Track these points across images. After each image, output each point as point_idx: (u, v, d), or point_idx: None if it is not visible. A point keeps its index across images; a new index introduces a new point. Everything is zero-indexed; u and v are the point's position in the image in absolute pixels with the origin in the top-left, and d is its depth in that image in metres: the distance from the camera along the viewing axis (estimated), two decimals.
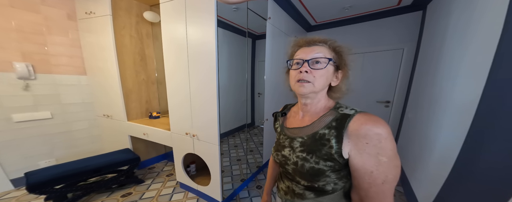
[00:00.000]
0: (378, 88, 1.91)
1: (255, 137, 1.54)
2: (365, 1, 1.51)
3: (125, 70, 1.51)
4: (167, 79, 1.14)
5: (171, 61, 1.09)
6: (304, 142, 0.34)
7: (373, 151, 0.26)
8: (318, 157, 0.31)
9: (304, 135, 0.35)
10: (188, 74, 1.02)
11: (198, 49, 0.94)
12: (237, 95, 1.31)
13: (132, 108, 1.62)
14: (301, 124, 0.38)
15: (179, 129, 1.18)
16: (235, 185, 1.26)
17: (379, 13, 1.72)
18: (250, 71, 1.35)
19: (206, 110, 0.99)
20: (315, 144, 0.32)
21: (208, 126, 1.01)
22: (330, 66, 0.34)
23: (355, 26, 1.92)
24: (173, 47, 1.06)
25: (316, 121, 0.34)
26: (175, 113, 1.17)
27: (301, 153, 0.33)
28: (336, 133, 0.30)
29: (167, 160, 1.93)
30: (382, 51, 1.81)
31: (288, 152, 0.37)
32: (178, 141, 1.22)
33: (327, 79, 0.34)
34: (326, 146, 0.30)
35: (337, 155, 0.29)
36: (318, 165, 0.31)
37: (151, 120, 1.63)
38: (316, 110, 0.36)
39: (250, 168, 1.42)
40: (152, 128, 1.38)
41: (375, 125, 0.27)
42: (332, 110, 0.34)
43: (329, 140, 0.30)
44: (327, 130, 0.31)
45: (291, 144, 0.37)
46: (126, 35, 1.49)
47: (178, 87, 1.10)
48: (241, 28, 1.16)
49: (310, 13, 1.81)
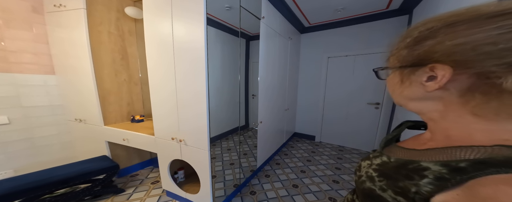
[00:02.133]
0: (368, 90, 2.06)
1: (249, 140, 1.56)
2: (356, 4, 1.61)
3: (102, 69, 1.42)
4: (150, 80, 1.11)
5: (155, 60, 1.06)
6: (385, 163, 0.27)
7: None
8: (390, 185, 0.24)
9: (394, 156, 0.27)
10: (174, 76, 1.00)
11: (186, 49, 0.92)
12: (230, 97, 1.31)
13: (110, 110, 1.53)
14: (408, 144, 0.29)
15: (164, 133, 1.15)
16: (227, 191, 1.27)
17: (369, 16, 1.85)
18: (244, 73, 1.37)
19: (195, 114, 0.98)
20: (397, 171, 0.24)
21: (197, 131, 1.00)
22: (393, 74, 0.27)
23: (347, 28, 2.04)
24: (157, 46, 1.03)
25: (434, 149, 0.23)
26: (160, 116, 1.14)
27: (372, 171, 0.28)
28: (441, 175, 0.19)
29: (153, 166, 1.86)
30: (372, 54, 1.96)
31: (365, 164, 0.32)
32: (163, 146, 1.19)
33: (394, 87, 0.27)
34: (411, 180, 0.21)
35: (419, 198, 0.20)
36: (383, 192, 0.24)
37: (133, 124, 1.57)
38: (449, 133, 0.23)
39: (243, 172, 1.43)
40: (134, 132, 1.33)
41: None
42: (506, 147, 0.19)
43: (423, 177, 0.20)
44: (437, 167, 0.20)
45: (373, 159, 0.31)
46: (103, 31, 1.41)
47: (162, 89, 1.08)
48: (235, 28, 1.18)
49: (304, 14, 1.88)
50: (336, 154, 2.08)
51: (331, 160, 1.92)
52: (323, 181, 1.52)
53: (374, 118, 2.06)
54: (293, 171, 1.70)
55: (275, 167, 1.80)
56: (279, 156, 2.07)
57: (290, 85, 2.22)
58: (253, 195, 1.38)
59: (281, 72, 1.88)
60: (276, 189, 1.44)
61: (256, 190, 1.44)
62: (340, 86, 2.24)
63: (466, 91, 0.20)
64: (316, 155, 2.07)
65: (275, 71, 1.75)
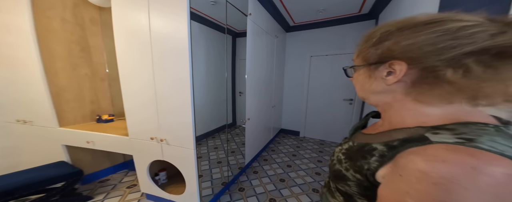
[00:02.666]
0: (344, 88, 2.30)
1: (236, 137, 1.55)
2: (334, 6, 1.77)
3: (53, 62, 1.20)
4: (121, 77, 1.01)
5: (127, 55, 0.97)
6: (351, 147, 0.32)
7: (403, 187, 0.20)
8: (352, 165, 0.29)
9: (357, 140, 0.32)
10: (152, 71, 0.93)
11: (166, 43, 0.86)
12: (216, 95, 1.28)
13: (68, 110, 1.30)
14: (369, 130, 0.35)
15: (141, 133, 1.06)
16: (215, 189, 1.24)
17: (345, 18, 2.06)
18: (231, 70, 1.35)
19: (178, 112, 0.93)
20: (357, 152, 0.29)
21: (181, 129, 0.95)
22: (361, 71, 0.30)
23: (327, 29, 2.22)
24: (130, 38, 0.94)
25: (382, 133, 0.29)
26: (135, 115, 1.05)
27: (342, 155, 0.33)
28: (383, 153, 0.24)
29: (128, 169, 1.69)
30: (347, 54, 2.19)
31: (337, 150, 0.37)
32: (140, 147, 1.09)
33: (361, 83, 0.31)
34: (365, 160, 0.26)
35: (369, 173, 0.25)
36: (346, 171, 0.29)
37: (100, 125, 1.38)
38: (390, 118, 0.30)
39: (231, 170, 1.43)
40: (101, 134, 1.18)
41: (429, 162, 0.18)
42: (423, 127, 0.23)
43: (372, 155, 0.25)
44: (381, 146, 0.25)
45: (344, 144, 0.36)
46: (55, 18, 1.18)
47: (138, 86, 0.99)
48: (221, 24, 1.15)
49: (289, 13, 1.96)
50: (318, 148, 2.25)
51: (313, 154, 2.08)
52: (307, 174, 1.63)
53: (349, 112, 2.32)
54: (280, 166, 1.78)
55: (263, 163, 1.84)
56: (266, 152, 2.13)
57: (277, 82, 2.29)
58: (242, 191, 1.38)
59: (268, 69, 1.92)
60: (264, 184, 1.48)
61: (244, 186, 1.45)
62: (321, 84, 2.43)
63: (417, 81, 0.24)
64: (301, 149, 2.20)
65: (262, 69, 1.78)
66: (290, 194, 1.35)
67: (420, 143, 0.21)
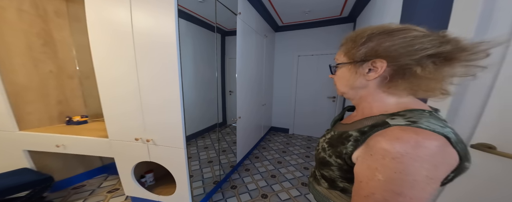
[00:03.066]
0: (328, 86, 2.48)
1: (227, 136, 1.55)
2: (319, 8, 1.89)
3: (9, 57, 1.06)
4: (98, 75, 0.94)
5: (106, 51, 0.90)
6: (333, 136, 0.36)
7: (373, 164, 0.25)
8: (334, 151, 0.33)
9: (338, 130, 0.37)
10: (136, 70, 0.88)
11: (152, 39, 0.83)
12: (205, 94, 1.26)
13: (30, 111, 1.16)
14: (346, 120, 0.40)
15: (124, 134, 1.00)
16: (207, 188, 1.23)
17: (329, 20, 2.21)
18: (220, 69, 1.35)
19: (166, 111, 0.90)
20: (337, 140, 0.33)
21: (170, 128, 0.92)
22: (343, 69, 0.36)
23: (313, 30, 2.36)
24: (108, 34, 0.87)
25: (357, 121, 0.34)
26: (116, 116, 0.99)
27: (325, 144, 0.37)
28: (356, 138, 0.29)
29: (107, 174, 1.57)
30: (330, 54, 2.36)
31: (322, 140, 0.41)
32: (123, 149, 1.03)
33: (345, 80, 0.36)
34: (343, 145, 0.31)
35: (347, 157, 0.30)
36: (330, 158, 0.34)
37: (71, 127, 1.25)
38: (363, 110, 0.35)
39: (223, 169, 1.43)
40: (74, 137, 1.08)
41: (389, 141, 0.24)
42: (383, 115, 0.30)
43: (349, 141, 0.30)
44: (355, 133, 0.30)
45: (326, 134, 0.40)
46: (9, 8, 1.05)
47: (118, 85, 0.93)
48: (209, 22, 1.14)
49: (278, 13, 2.03)
50: (306, 144, 2.38)
51: (302, 149, 2.19)
52: (296, 169, 1.71)
53: (332, 109, 2.51)
54: (271, 163, 1.83)
55: (254, 161, 1.88)
56: (257, 150, 2.16)
57: (266, 81, 2.34)
58: (234, 189, 1.40)
59: (258, 68, 1.95)
60: (256, 181, 1.51)
61: (237, 184, 1.47)
62: (308, 82, 2.56)
63: (392, 76, 0.30)
64: (290, 146, 2.30)
65: (253, 68, 1.80)
66: (281, 188, 1.41)
67: (383, 126, 0.27)
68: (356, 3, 1.74)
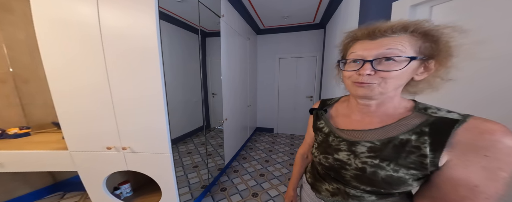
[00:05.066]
0: (306, 86, 2.74)
1: (212, 140, 1.55)
2: (296, 14, 2.10)
3: None
4: (51, 80, 0.83)
5: (63, 52, 0.80)
6: (375, 148, 0.31)
7: (493, 165, 0.23)
8: (400, 165, 0.28)
9: (373, 139, 0.31)
10: (105, 72, 0.82)
11: (125, 39, 0.78)
12: (186, 97, 1.25)
13: None
14: (363, 126, 0.34)
15: (91, 144, 0.91)
16: (195, 194, 1.20)
17: (304, 26, 2.46)
18: (202, 71, 1.36)
19: (147, 115, 0.87)
20: (394, 150, 0.29)
21: (151, 133, 0.89)
22: (413, 63, 0.28)
23: (291, 34, 2.58)
24: (66, 33, 0.78)
25: (392, 124, 0.31)
26: (79, 124, 0.89)
27: (371, 159, 0.31)
28: (430, 140, 0.27)
29: (64, 191, 1.37)
30: (306, 57, 2.62)
31: (346, 157, 0.34)
32: (90, 160, 0.94)
33: (405, 78, 0.29)
34: (414, 154, 0.27)
35: (432, 165, 0.26)
36: (397, 173, 0.28)
37: (7, 141, 1.05)
38: (386, 110, 0.32)
39: (210, 172, 1.42)
40: (16, 152, 0.92)
41: (505, 135, 0.23)
42: (416, 111, 0.30)
43: (419, 148, 0.27)
44: (414, 136, 0.28)
45: (351, 148, 0.33)
46: None
47: (84, 89, 0.84)
48: (187, 22, 1.14)
49: (259, 16, 2.15)
50: (290, 142, 2.55)
51: (286, 147, 2.33)
52: (283, 166, 1.82)
53: (307, 107, 2.75)
54: (259, 162, 1.90)
55: (242, 162, 1.91)
56: (245, 150, 2.21)
57: (251, 82, 2.42)
58: (224, 191, 1.40)
59: (241, 70, 2.01)
60: (245, 181, 1.55)
61: (226, 186, 1.47)
62: (289, 83, 2.76)
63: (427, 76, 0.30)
64: (276, 145, 2.42)
65: (237, 69, 1.85)
66: (270, 186, 1.48)
67: (458, 123, 0.26)
68: (325, 12, 2.02)
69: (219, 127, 1.58)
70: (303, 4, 1.84)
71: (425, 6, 0.71)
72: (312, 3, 1.81)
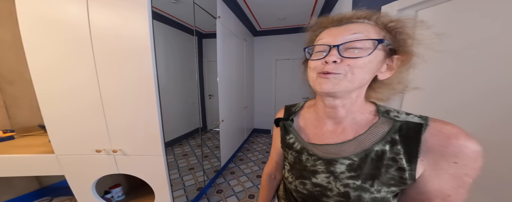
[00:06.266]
0: (302, 88, 2.76)
1: (208, 141, 1.55)
2: (291, 16, 2.14)
3: None
4: (36, 81, 0.81)
5: (49, 52, 0.79)
6: (354, 165, 0.27)
7: (460, 171, 0.22)
8: (382, 183, 0.25)
9: (350, 154, 0.27)
10: (95, 73, 0.81)
11: (116, 39, 0.78)
12: (182, 99, 1.24)
13: None
14: (336, 138, 0.30)
15: (78, 147, 0.90)
16: (190, 196, 1.19)
17: (300, 28, 2.50)
18: (198, 72, 1.36)
19: (139, 115, 0.86)
20: (373, 166, 0.25)
21: (143, 135, 0.88)
22: (379, 52, 0.25)
23: (287, 36, 2.61)
24: (52, 33, 0.77)
25: (364, 133, 0.27)
26: (67, 126, 0.87)
27: (353, 181, 0.26)
28: (404, 150, 0.24)
29: (51, 196, 1.33)
30: (301, 59, 2.71)
31: (325, 180, 0.28)
32: (79, 164, 0.92)
33: (371, 70, 0.25)
34: (393, 168, 0.24)
35: (410, 179, 0.24)
36: (380, 193, 0.25)
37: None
38: (355, 117, 0.29)
39: (206, 174, 1.41)
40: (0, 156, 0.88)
41: (469, 139, 0.22)
42: (381, 116, 0.27)
43: (396, 160, 0.24)
44: (387, 146, 0.25)
45: (330, 168, 0.28)
46: None
47: (72, 91, 0.83)
48: (184, 24, 1.15)
49: (256, 18, 2.18)
50: None
51: None
52: None
53: None
54: (256, 164, 1.90)
55: (239, 163, 1.90)
56: (242, 152, 2.20)
57: (247, 84, 2.43)
58: (220, 193, 1.39)
59: (238, 71, 2.02)
60: (242, 182, 1.55)
61: (222, 188, 1.46)
62: (286, 85, 2.79)
63: None
64: None
65: (234, 70, 1.86)
66: None
67: (422, 126, 0.24)
68: (320, 14, 2.08)
69: (215, 129, 1.57)
70: (298, 8, 1.88)
71: (411, 10, 0.75)
72: (306, 7, 1.85)
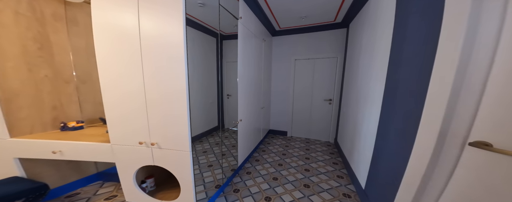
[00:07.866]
0: (324, 89, 2.60)
1: (226, 140, 1.60)
2: (315, 14, 2.04)
3: (2, 61, 1.07)
4: (101, 79, 0.99)
5: (111, 56, 0.96)
6: None
7: None
8: None
9: None
10: (141, 73, 0.94)
11: (158, 44, 0.89)
12: (203, 97, 1.32)
13: (22, 117, 1.16)
14: None
15: (127, 139, 1.03)
16: (209, 193, 1.25)
17: (324, 26, 2.36)
18: (219, 73, 1.41)
19: (172, 114, 0.95)
20: None
21: (175, 131, 0.96)
22: None
23: (308, 35, 2.50)
24: (114, 39, 0.93)
25: None
26: (119, 120, 1.03)
27: None
28: None
29: (103, 181, 1.57)
30: (325, 58, 2.50)
31: None
32: (126, 153, 1.06)
33: None
34: None
35: None
36: None
37: (67, 133, 1.26)
38: None
39: (224, 173, 1.46)
40: (72, 142, 1.09)
41: None
42: None
43: None
44: None
45: None
46: (5, 10, 1.07)
47: (123, 89, 0.98)
48: (208, 27, 1.20)
49: (275, 18, 2.15)
50: (305, 146, 2.45)
51: (301, 152, 2.25)
52: (297, 171, 1.76)
53: (328, 111, 2.62)
54: (272, 165, 1.88)
55: (255, 164, 1.91)
56: (257, 153, 2.20)
57: (265, 84, 2.42)
58: (237, 192, 1.42)
59: (257, 72, 2.03)
60: (258, 184, 1.55)
61: (239, 187, 1.49)
62: (305, 85, 2.68)
63: None
64: (289, 148, 2.36)
65: (252, 71, 1.88)
66: (284, 191, 1.45)
67: None
68: (350, 10, 1.90)
69: (233, 128, 1.62)
70: (325, 3, 1.77)
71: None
72: (334, 4, 1.74)
